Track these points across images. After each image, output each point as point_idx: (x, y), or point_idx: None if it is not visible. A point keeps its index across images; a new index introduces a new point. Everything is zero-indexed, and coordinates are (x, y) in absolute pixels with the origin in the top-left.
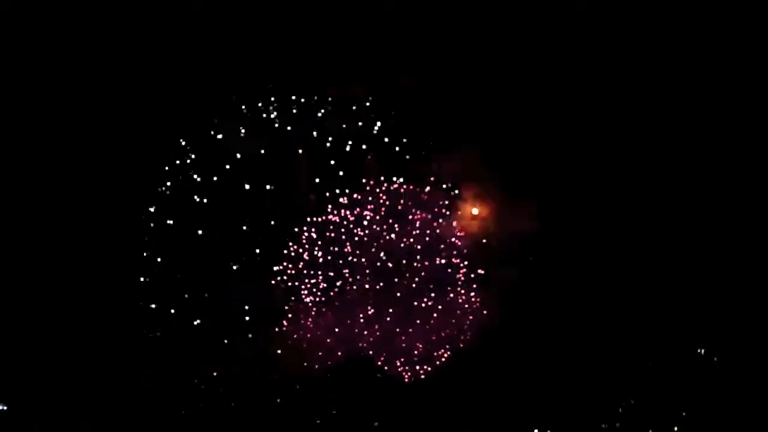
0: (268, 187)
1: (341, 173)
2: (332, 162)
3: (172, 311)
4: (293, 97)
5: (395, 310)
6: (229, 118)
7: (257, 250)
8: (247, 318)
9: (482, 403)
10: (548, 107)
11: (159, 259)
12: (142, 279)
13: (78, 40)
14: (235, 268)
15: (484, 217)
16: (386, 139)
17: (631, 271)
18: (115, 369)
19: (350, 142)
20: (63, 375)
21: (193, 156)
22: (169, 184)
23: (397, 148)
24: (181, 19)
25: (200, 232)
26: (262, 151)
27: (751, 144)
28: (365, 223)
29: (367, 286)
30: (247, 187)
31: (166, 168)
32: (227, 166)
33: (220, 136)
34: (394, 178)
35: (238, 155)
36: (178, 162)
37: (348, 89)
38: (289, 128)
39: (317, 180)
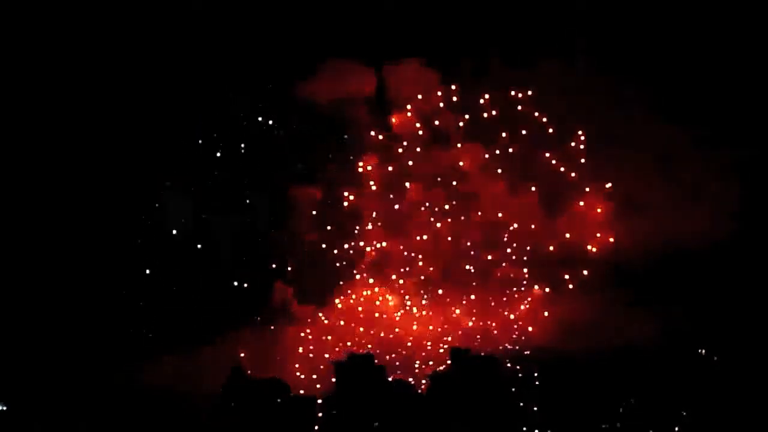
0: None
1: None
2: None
3: (172, 312)
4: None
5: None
6: (227, 117)
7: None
8: (247, 318)
9: (483, 402)
10: None
11: (157, 261)
12: (141, 280)
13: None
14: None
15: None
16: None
17: (630, 272)
18: (113, 370)
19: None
20: (63, 375)
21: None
22: (164, 185)
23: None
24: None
25: (197, 233)
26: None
27: None
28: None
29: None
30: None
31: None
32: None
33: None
34: None
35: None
36: (171, 163)
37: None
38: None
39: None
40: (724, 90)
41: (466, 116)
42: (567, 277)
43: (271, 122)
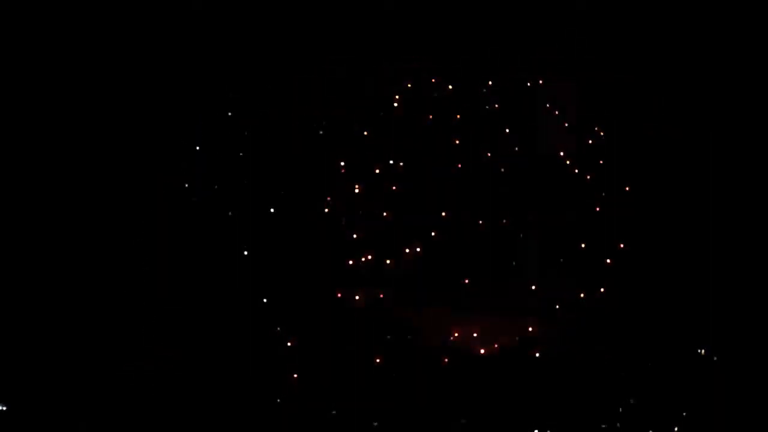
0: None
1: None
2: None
3: (172, 312)
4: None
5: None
6: (228, 116)
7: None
8: (249, 318)
9: (481, 402)
10: None
11: (159, 259)
12: (141, 280)
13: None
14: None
15: None
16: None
17: (629, 270)
18: (114, 370)
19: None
20: (63, 375)
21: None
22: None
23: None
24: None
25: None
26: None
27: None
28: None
29: None
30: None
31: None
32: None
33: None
34: None
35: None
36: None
37: None
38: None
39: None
40: (747, 88)
41: (470, 113)
42: (582, 295)
43: (270, 122)
